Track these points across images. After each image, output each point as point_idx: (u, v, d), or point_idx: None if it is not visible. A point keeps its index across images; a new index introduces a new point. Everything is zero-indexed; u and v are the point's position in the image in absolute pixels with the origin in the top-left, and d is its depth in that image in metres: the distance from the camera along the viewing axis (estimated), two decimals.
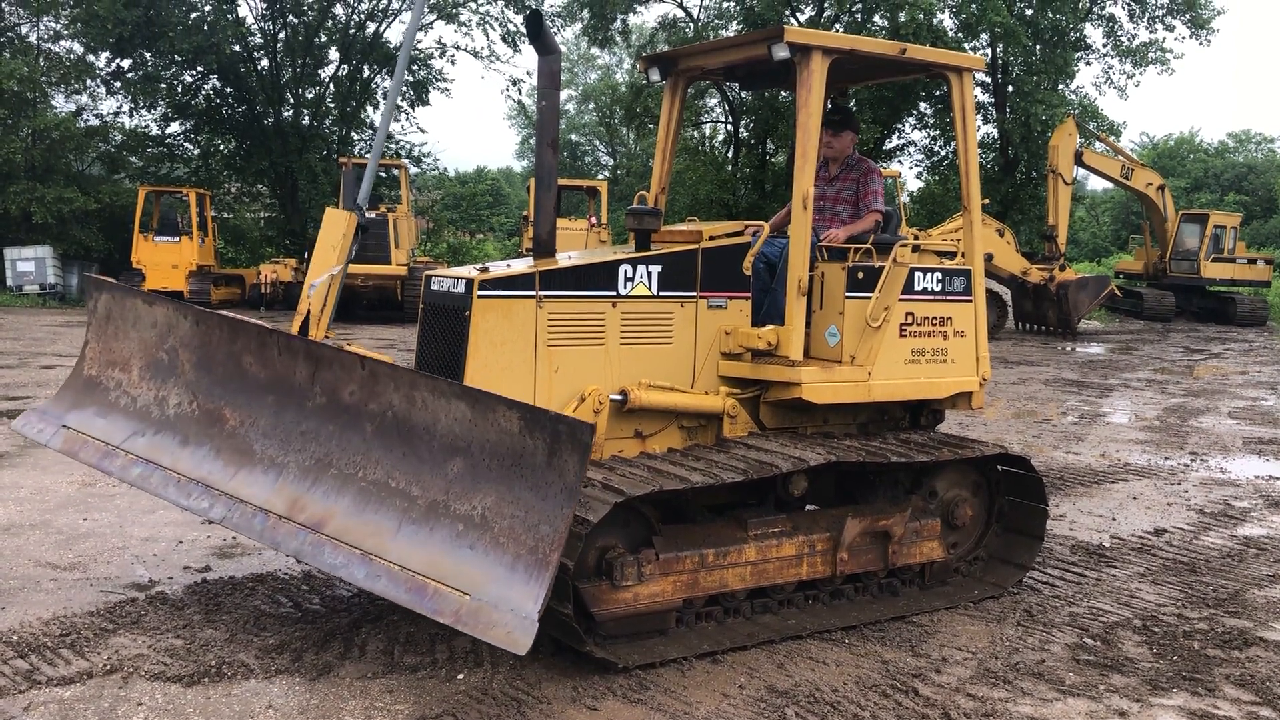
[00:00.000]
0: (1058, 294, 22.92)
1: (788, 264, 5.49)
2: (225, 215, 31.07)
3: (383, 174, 28.25)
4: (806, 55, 5.40)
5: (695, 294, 5.48)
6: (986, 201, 22.53)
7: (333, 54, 30.93)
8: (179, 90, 29.11)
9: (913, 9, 25.49)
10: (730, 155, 33.77)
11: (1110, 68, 32.05)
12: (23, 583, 5.55)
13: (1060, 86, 29.90)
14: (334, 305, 5.24)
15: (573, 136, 55.88)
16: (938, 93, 29.42)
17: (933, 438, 5.89)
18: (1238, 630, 5.36)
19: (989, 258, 20.00)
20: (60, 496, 7.38)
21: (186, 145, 31.02)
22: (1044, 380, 15.80)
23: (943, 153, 32.92)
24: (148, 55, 28.00)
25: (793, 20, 29.13)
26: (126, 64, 28.44)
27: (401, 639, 4.85)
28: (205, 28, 27.10)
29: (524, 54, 33.52)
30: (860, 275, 5.61)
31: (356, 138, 31.42)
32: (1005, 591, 5.81)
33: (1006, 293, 24.16)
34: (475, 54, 31.97)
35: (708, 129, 36.01)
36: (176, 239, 24.33)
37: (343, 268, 5.22)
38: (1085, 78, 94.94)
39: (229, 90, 29.65)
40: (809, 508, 5.53)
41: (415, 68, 31.06)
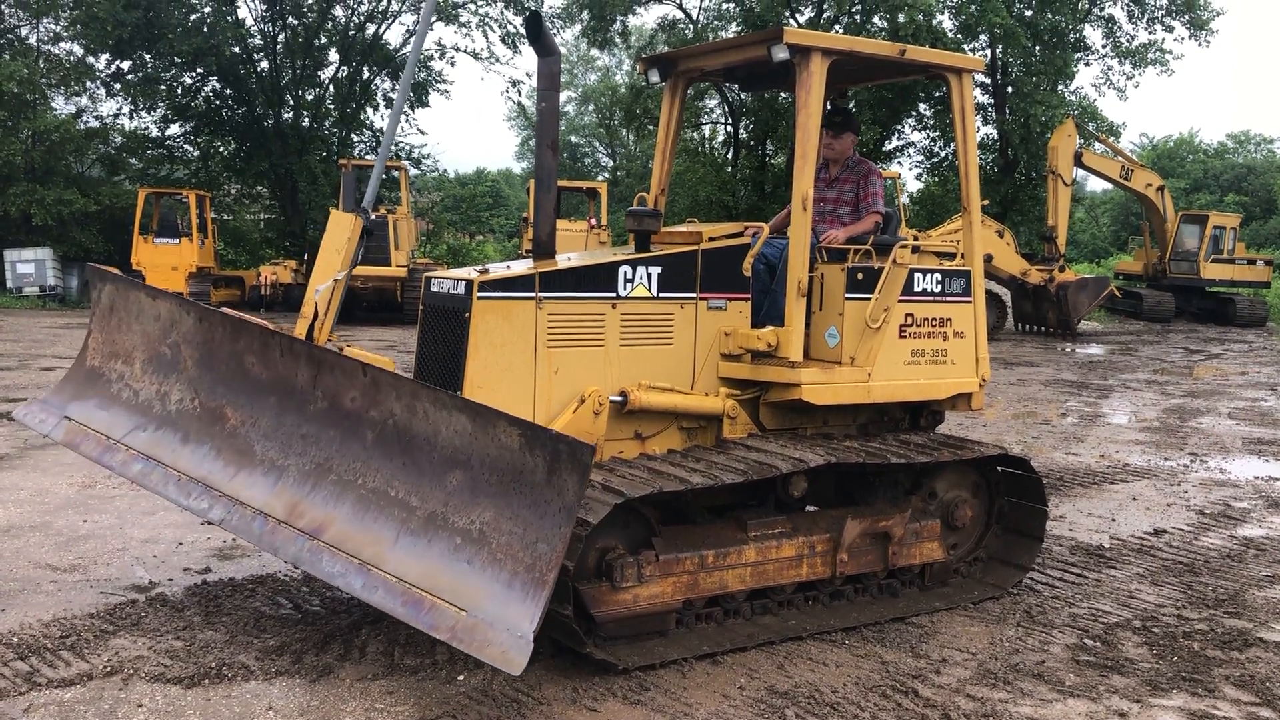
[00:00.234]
0: (1057, 295, 22.92)
1: (787, 265, 5.50)
2: (225, 217, 31.08)
3: (383, 175, 28.22)
4: (806, 56, 5.41)
5: (695, 295, 5.48)
6: (986, 202, 22.56)
7: (332, 55, 30.95)
8: (179, 92, 29.11)
9: (912, 10, 25.51)
10: (730, 156, 33.79)
11: (1110, 69, 32.11)
12: (23, 584, 5.55)
13: (1060, 87, 29.92)
14: (337, 309, 5.24)
15: (572, 138, 55.89)
16: (937, 94, 29.43)
17: (932, 439, 5.89)
18: (1237, 631, 5.36)
19: (988, 259, 20.00)
20: (60, 498, 7.38)
21: (186, 147, 31.02)
22: (1043, 381, 15.81)
23: (942, 154, 32.94)
24: (147, 57, 28.00)
25: (792, 21, 29.13)
26: (126, 66, 28.45)
27: (401, 640, 4.85)
28: (205, 29, 27.10)
29: (524, 55, 33.55)
30: (860, 276, 5.62)
31: (356, 139, 31.44)
32: (1005, 592, 5.81)
33: (1006, 294, 24.17)
34: (475, 55, 31.97)
35: (707, 130, 36.03)
36: (176, 240, 24.33)
37: (347, 272, 5.23)
38: (1085, 79, 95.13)
39: (229, 92, 29.65)
40: (809, 509, 5.54)
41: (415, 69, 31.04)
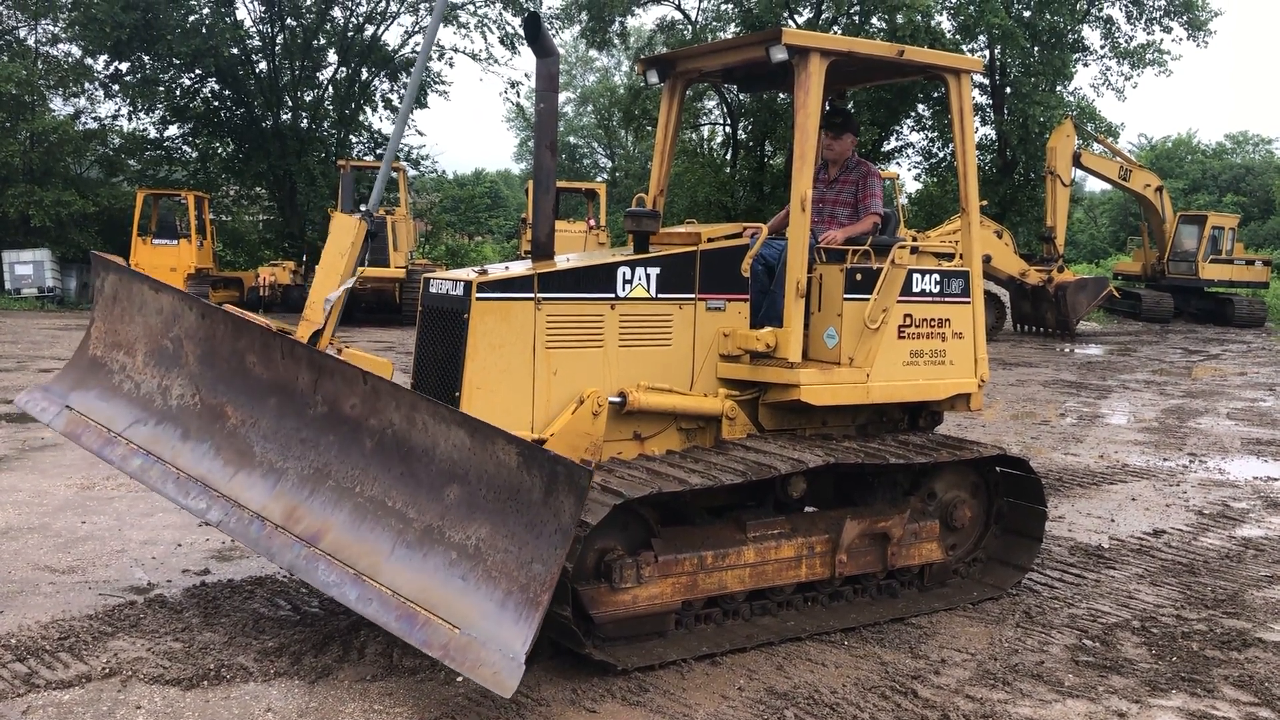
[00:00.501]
0: (1056, 295, 22.93)
1: (786, 266, 5.50)
2: (224, 218, 31.06)
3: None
4: (804, 57, 5.41)
5: (694, 296, 5.48)
6: (985, 203, 22.57)
7: (331, 57, 30.95)
8: (177, 93, 29.10)
9: (910, 11, 25.52)
10: (729, 157, 33.80)
11: (1108, 69, 32.13)
12: (21, 586, 5.55)
13: (1058, 88, 29.94)
14: (339, 314, 5.24)
15: (571, 139, 55.90)
16: (936, 94, 29.45)
17: (931, 439, 5.89)
18: (1236, 631, 5.36)
19: (987, 259, 20.01)
20: (59, 500, 7.37)
21: (185, 148, 31.01)
22: (1042, 381, 15.81)
23: (941, 154, 32.96)
24: (146, 58, 27.99)
25: (791, 22, 29.15)
26: (125, 67, 28.43)
27: (400, 642, 4.82)
28: (203, 30, 27.10)
29: (522, 56, 33.57)
30: (858, 277, 5.61)
31: (355, 140, 31.43)
32: (1004, 593, 5.81)
33: (1005, 294, 24.18)
34: (474, 56, 31.88)
35: (706, 131, 36.04)
36: (175, 242, 24.33)
37: (355, 279, 5.23)
38: (1083, 79, 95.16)
39: (227, 93, 29.64)
40: (808, 509, 5.53)
41: (413, 70, 31.04)
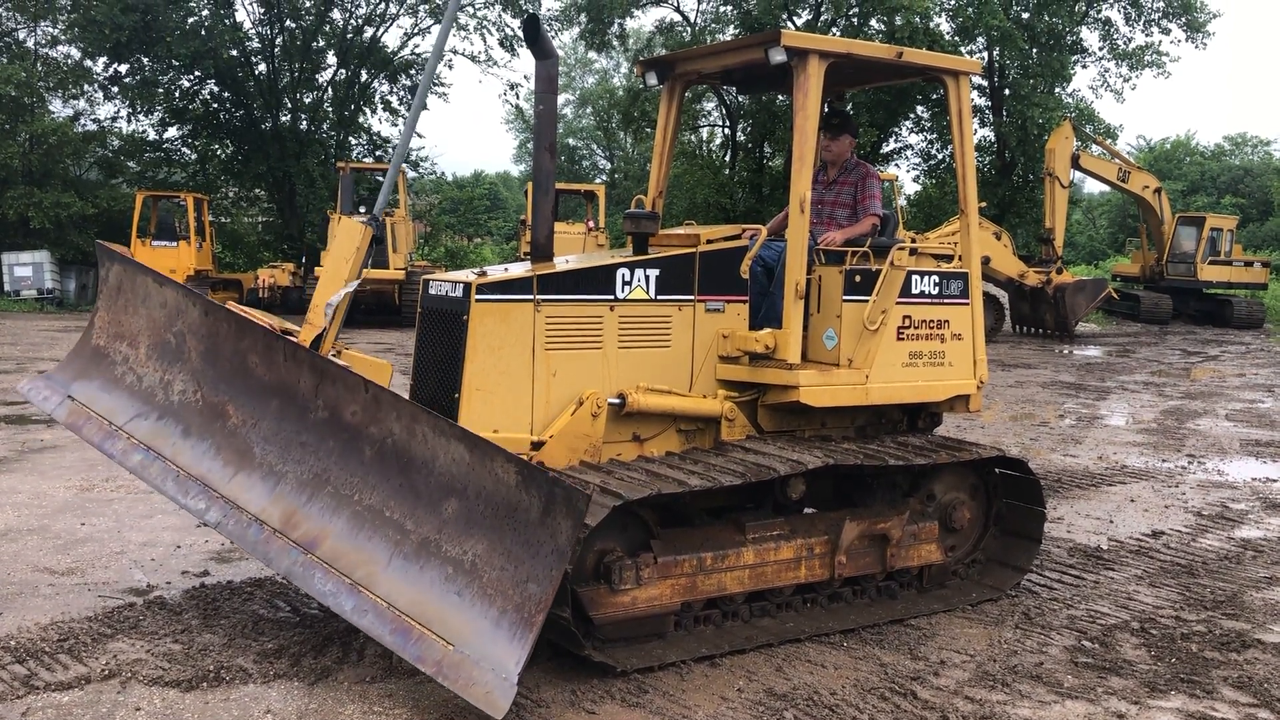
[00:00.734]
0: (1055, 297, 22.95)
1: (785, 267, 5.50)
2: (223, 220, 31.07)
3: (380, 178, 28.27)
4: (803, 59, 5.41)
5: (693, 297, 5.48)
6: (983, 204, 22.61)
7: (330, 58, 30.97)
8: (176, 95, 29.11)
9: (909, 12, 25.54)
10: (727, 159, 33.82)
11: (1106, 71, 32.16)
12: (20, 588, 5.55)
13: (1057, 90, 29.95)
14: (341, 319, 5.25)
15: (570, 140, 55.91)
16: (934, 96, 29.46)
17: (930, 440, 5.89)
18: (1235, 632, 5.36)
19: (986, 261, 20.02)
20: (58, 501, 7.37)
21: (184, 150, 31.02)
22: (1041, 383, 15.82)
23: (940, 156, 32.98)
24: (145, 60, 28.01)
25: (790, 24, 29.16)
26: (124, 69, 28.45)
27: None
28: (203, 32, 27.11)
29: (522, 58, 33.61)
30: (858, 278, 5.62)
31: (354, 142, 31.45)
32: (1003, 594, 5.81)
33: (1004, 295, 24.20)
34: (473, 58, 31.91)
35: (705, 133, 36.08)
36: (174, 243, 24.33)
37: (358, 282, 5.24)
38: (1082, 81, 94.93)
39: (226, 95, 29.65)
40: (807, 511, 5.54)
41: (413, 71, 31.09)
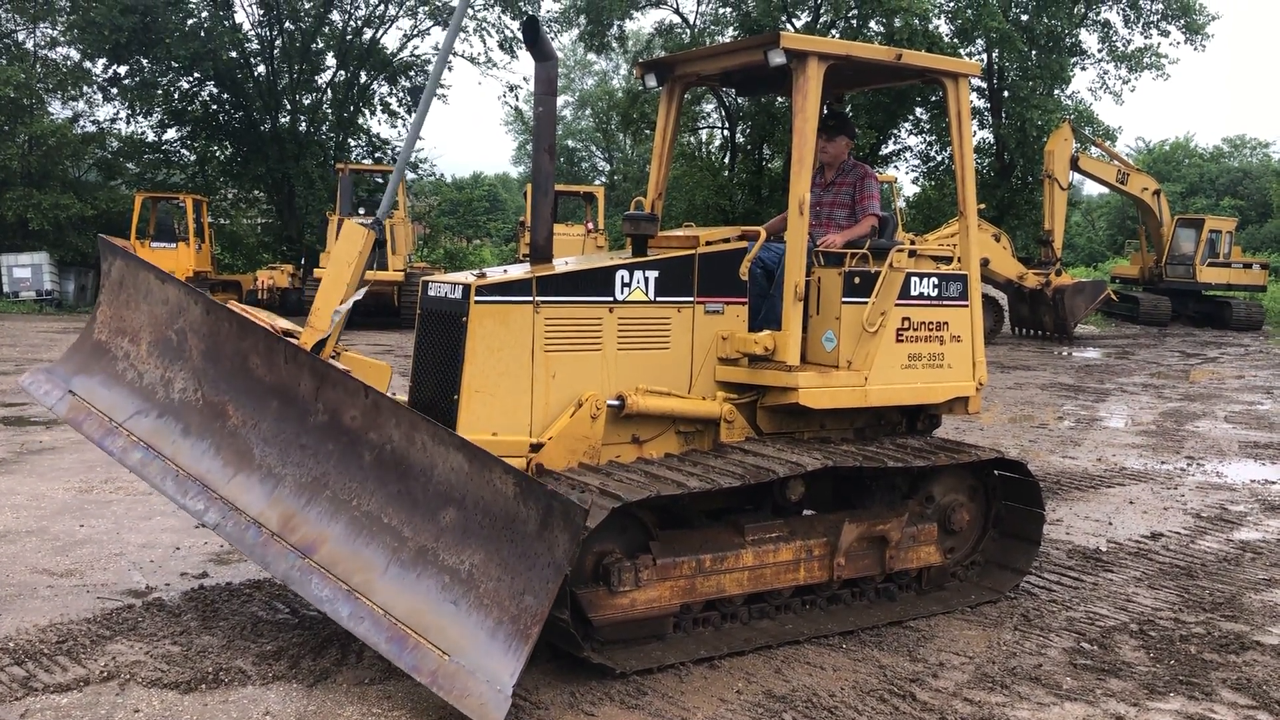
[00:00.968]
0: (1054, 299, 22.96)
1: (785, 269, 5.50)
2: (222, 221, 31.08)
3: (380, 179, 28.29)
4: (802, 61, 5.42)
5: (692, 299, 5.48)
6: (983, 206, 22.57)
7: (329, 60, 30.98)
8: (176, 96, 29.13)
9: (908, 14, 25.56)
10: (727, 161, 33.83)
11: (1106, 73, 32.20)
12: (19, 590, 5.54)
13: (1056, 92, 29.96)
14: (343, 323, 5.26)
15: (569, 142, 55.93)
16: (933, 98, 29.46)
17: (929, 442, 5.89)
18: (1234, 634, 5.37)
19: (985, 262, 20.02)
20: (57, 503, 7.37)
21: (183, 151, 31.05)
22: (1040, 385, 15.82)
23: (939, 158, 33.00)
24: (144, 61, 28.03)
25: (789, 26, 29.17)
26: (123, 70, 28.47)
27: None
28: (202, 34, 27.13)
29: (521, 60, 33.61)
30: (857, 280, 5.62)
31: (353, 144, 31.47)
32: (1002, 596, 5.81)
33: (1003, 297, 24.21)
34: (473, 60, 31.94)
35: (704, 134, 36.11)
36: (173, 245, 24.34)
37: (365, 289, 5.26)
38: (1081, 83, 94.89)
39: (226, 96, 29.67)
40: (806, 513, 5.54)
41: (412, 73, 31.11)
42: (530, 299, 5.02)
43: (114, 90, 28.90)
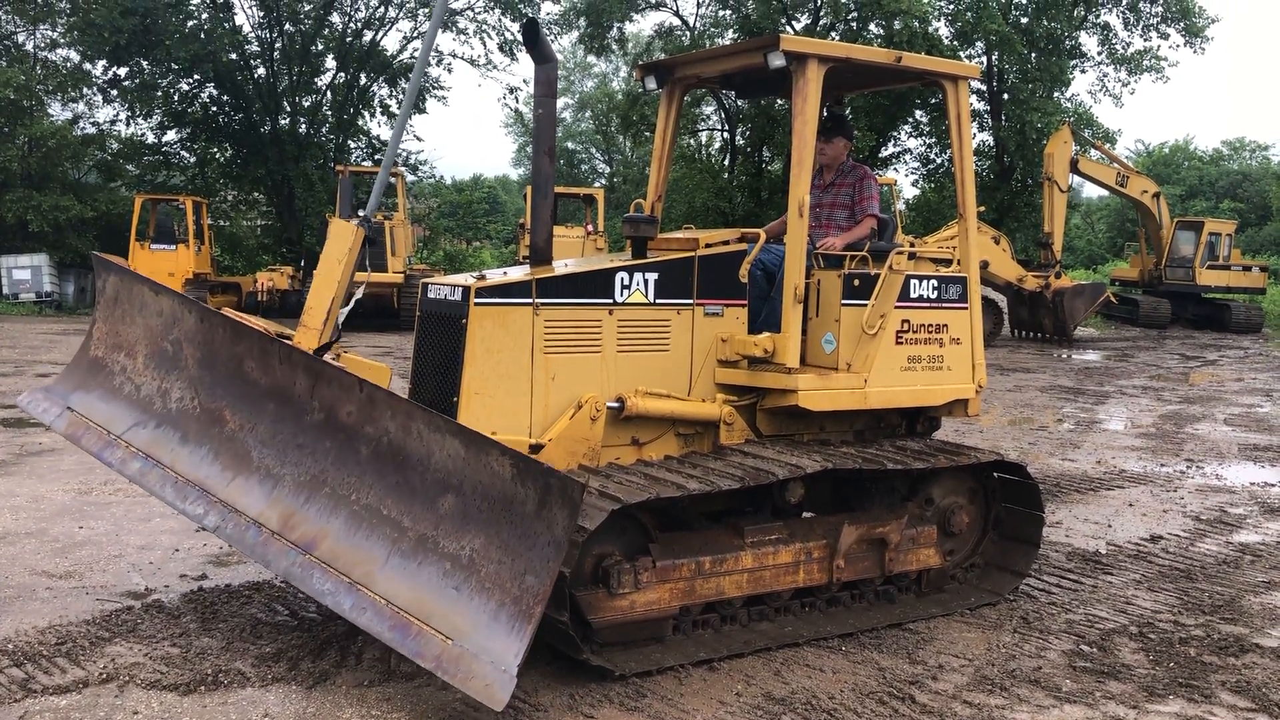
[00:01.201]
0: (1053, 301, 22.97)
1: (784, 271, 5.50)
2: (222, 223, 31.08)
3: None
4: (802, 63, 5.42)
5: (692, 301, 5.48)
6: (982, 209, 22.59)
7: (329, 62, 30.99)
8: (175, 98, 29.12)
9: (908, 17, 25.59)
10: (726, 163, 33.83)
11: (1105, 75, 32.21)
12: (18, 591, 5.54)
13: (1055, 94, 29.97)
14: (337, 323, 5.26)
15: (569, 144, 55.94)
16: (933, 100, 29.46)
17: (929, 445, 5.89)
18: (1234, 637, 5.37)
19: (985, 265, 20.04)
20: (56, 505, 7.37)
21: (183, 153, 31.03)
22: (1040, 387, 15.82)
23: (938, 160, 32.98)
24: (144, 63, 28.02)
25: (788, 28, 29.19)
26: (123, 72, 28.47)
27: None
28: (202, 36, 27.13)
29: (521, 62, 33.63)
30: (856, 283, 5.62)
31: (353, 145, 31.47)
32: (1002, 598, 5.81)
33: (1002, 300, 24.21)
34: (472, 62, 31.98)
35: (704, 137, 36.11)
36: (173, 247, 24.34)
37: (363, 288, 5.26)
38: (1080, 85, 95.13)
39: (226, 98, 29.66)
40: (806, 515, 5.54)
41: (412, 75, 31.10)
42: (530, 301, 5.03)
43: (114, 92, 28.90)
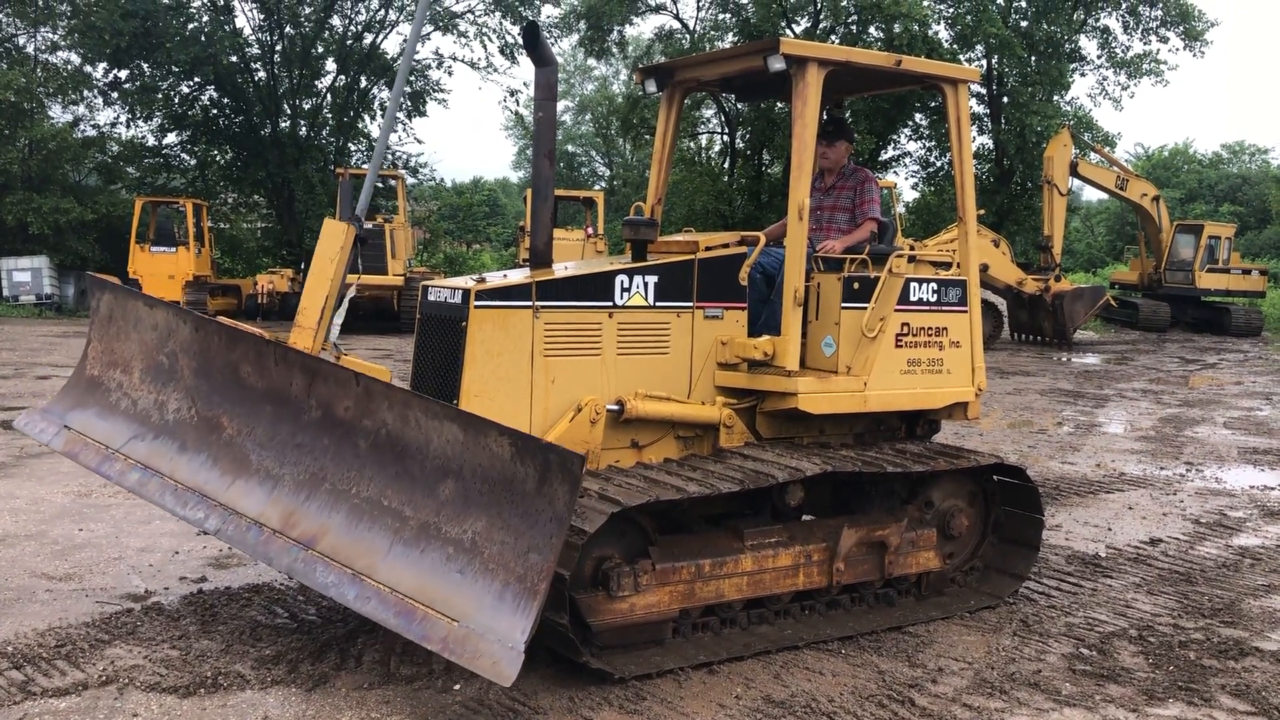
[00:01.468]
0: (1053, 304, 22.97)
1: (784, 274, 5.51)
2: (222, 226, 31.08)
3: (379, 184, 28.30)
4: (802, 67, 5.43)
5: (691, 304, 5.49)
6: (982, 212, 22.62)
7: (330, 65, 31.00)
8: (176, 101, 29.13)
9: (908, 20, 25.60)
10: (726, 166, 33.84)
11: (1105, 79, 32.22)
12: (18, 594, 5.54)
13: (1055, 97, 29.99)
14: (330, 319, 5.26)
15: (569, 147, 55.99)
16: (933, 104, 29.49)
17: (929, 448, 5.89)
18: (1233, 640, 5.37)
19: (984, 268, 20.04)
20: (56, 507, 7.37)
21: (183, 156, 31.04)
22: (1039, 390, 15.82)
23: (938, 164, 33.01)
24: (145, 66, 28.03)
25: (788, 32, 29.21)
26: (124, 75, 28.48)
27: (398, 650, 4.84)
28: (202, 38, 27.15)
29: (521, 65, 33.63)
30: (856, 286, 5.62)
31: (353, 148, 31.48)
32: (1001, 601, 5.81)
33: (1002, 303, 24.22)
34: (473, 65, 32.04)
35: (704, 140, 36.11)
36: (173, 249, 24.34)
37: (354, 289, 5.26)
38: (1080, 89, 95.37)
39: (226, 101, 29.68)
40: (805, 518, 5.54)
41: (413, 78, 31.14)
42: (530, 304, 5.03)
43: (114, 94, 28.91)
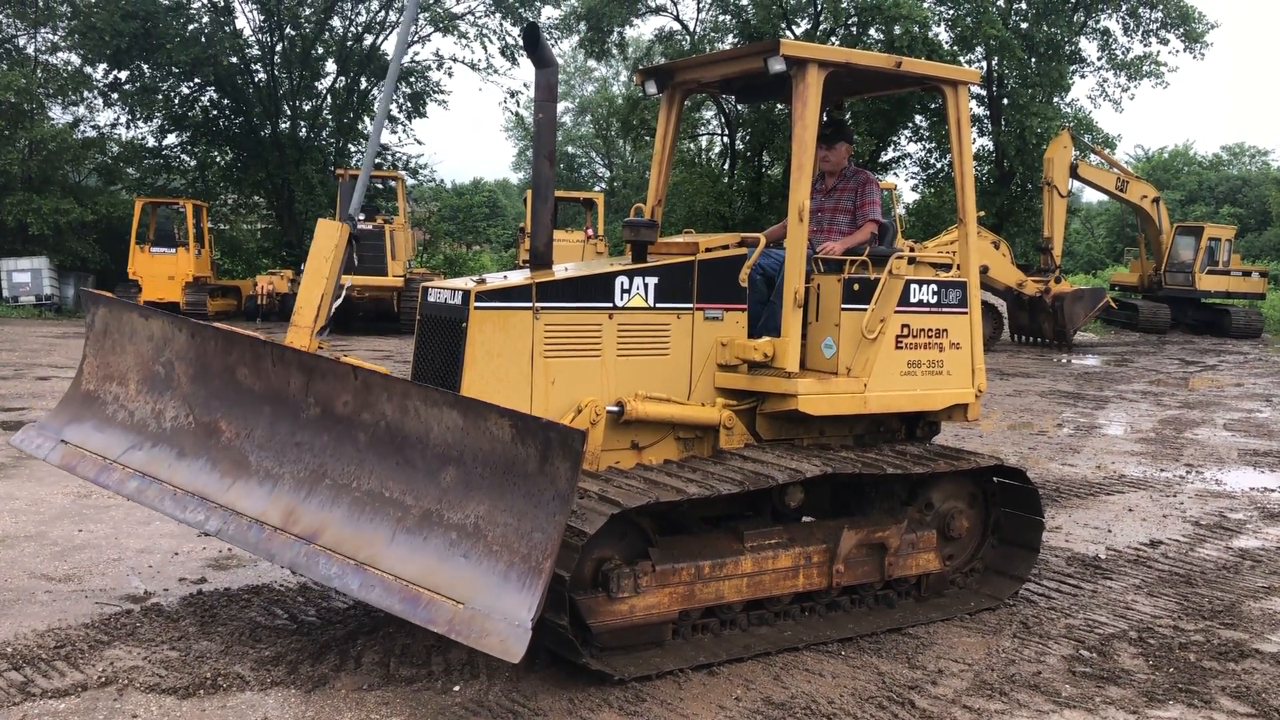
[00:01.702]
0: (1053, 306, 22.97)
1: (784, 276, 5.51)
2: (222, 227, 31.10)
3: (380, 185, 28.31)
4: (802, 68, 5.43)
5: (692, 305, 5.49)
6: (982, 214, 22.63)
7: (330, 66, 31.02)
8: (176, 102, 29.15)
9: (908, 22, 25.61)
10: (726, 167, 33.85)
11: (1105, 81, 32.24)
12: (17, 595, 5.54)
13: (1055, 99, 30.01)
14: (327, 317, 5.26)
15: (569, 148, 55.99)
16: (933, 105, 29.51)
17: (929, 449, 5.89)
18: (1233, 642, 5.36)
19: (984, 270, 20.04)
20: (55, 508, 7.36)
21: (183, 157, 31.07)
22: (1039, 392, 15.82)
23: (938, 165, 33.01)
24: (145, 67, 28.05)
25: (789, 33, 29.23)
26: (124, 76, 28.50)
27: (397, 651, 4.84)
28: (203, 40, 27.17)
29: (522, 66, 33.67)
30: (856, 287, 5.62)
31: (353, 149, 31.49)
32: (1001, 603, 5.81)
33: (1002, 305, 24.21)
34: (473, 66, 32.06)
35: (704, 141, 36.11)
36: (173, 250, 24.33)
37: (348, 288, 5.26)
38: (1080, 90, 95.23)
39: (226, 102, 29.70)
40: (805, 519, 5.54)
41: (412, 79, 31.18)
42: (530, 305, 5.03)
43: (114, 95, 28.92)
